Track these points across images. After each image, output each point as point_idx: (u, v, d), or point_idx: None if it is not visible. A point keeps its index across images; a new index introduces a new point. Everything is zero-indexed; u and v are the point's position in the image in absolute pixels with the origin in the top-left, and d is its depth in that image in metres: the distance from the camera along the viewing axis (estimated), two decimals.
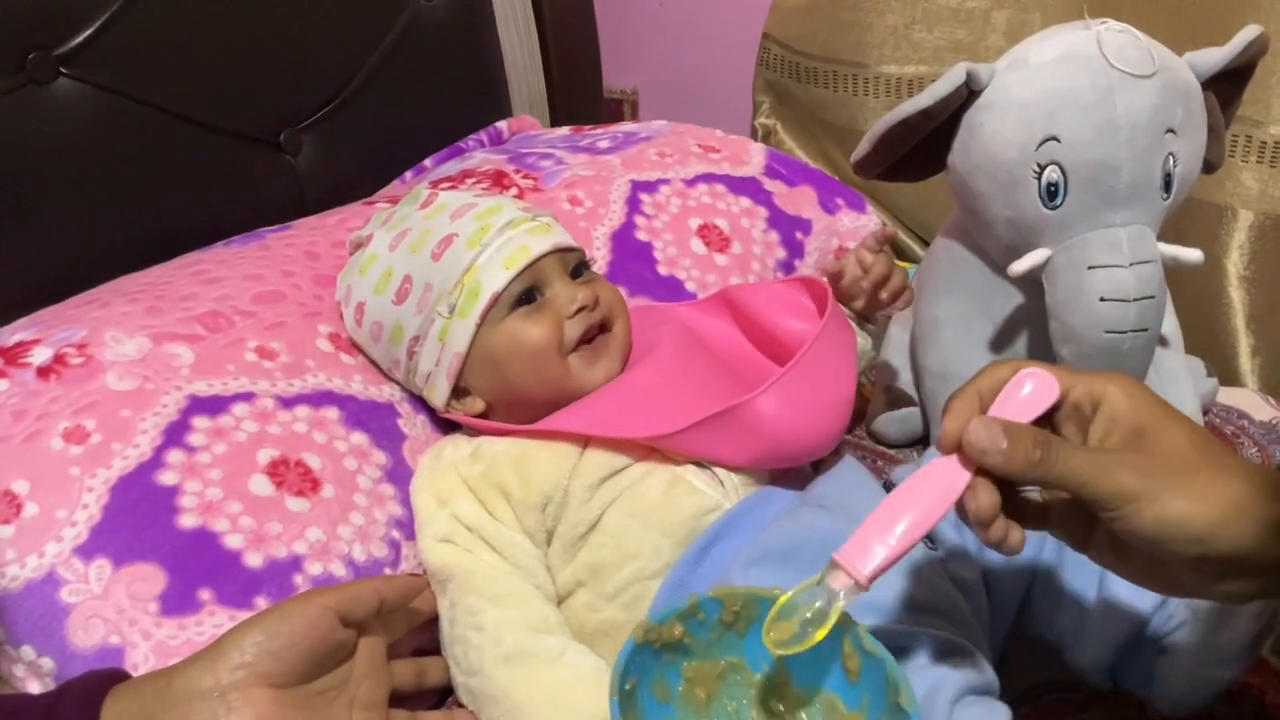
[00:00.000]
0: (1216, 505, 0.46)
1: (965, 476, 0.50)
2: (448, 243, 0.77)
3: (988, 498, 0.49)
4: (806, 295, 0.83)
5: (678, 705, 0.56)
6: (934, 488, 0.50)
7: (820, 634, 0.51)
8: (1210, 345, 1.14)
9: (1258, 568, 0.46)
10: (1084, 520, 0.52)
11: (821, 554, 0.51)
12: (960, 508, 0.50)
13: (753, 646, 0.57)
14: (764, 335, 0.84)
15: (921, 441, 0.96)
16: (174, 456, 0.69)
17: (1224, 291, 1.15)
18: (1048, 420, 0.52)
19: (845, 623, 0.54)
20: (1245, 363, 1.16)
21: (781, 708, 0.57)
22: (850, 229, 1.10)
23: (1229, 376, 1.13)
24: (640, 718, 0.52)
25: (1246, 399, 1.00)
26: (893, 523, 0.50)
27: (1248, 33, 0.80)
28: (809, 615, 0.51)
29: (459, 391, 0.79)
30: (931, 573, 0.64)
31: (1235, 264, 1.14)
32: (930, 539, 0.66)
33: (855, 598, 0.51)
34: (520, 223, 0.77)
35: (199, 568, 0.66)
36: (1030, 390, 0.51)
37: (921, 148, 0.83)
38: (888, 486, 0.72)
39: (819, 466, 0.77)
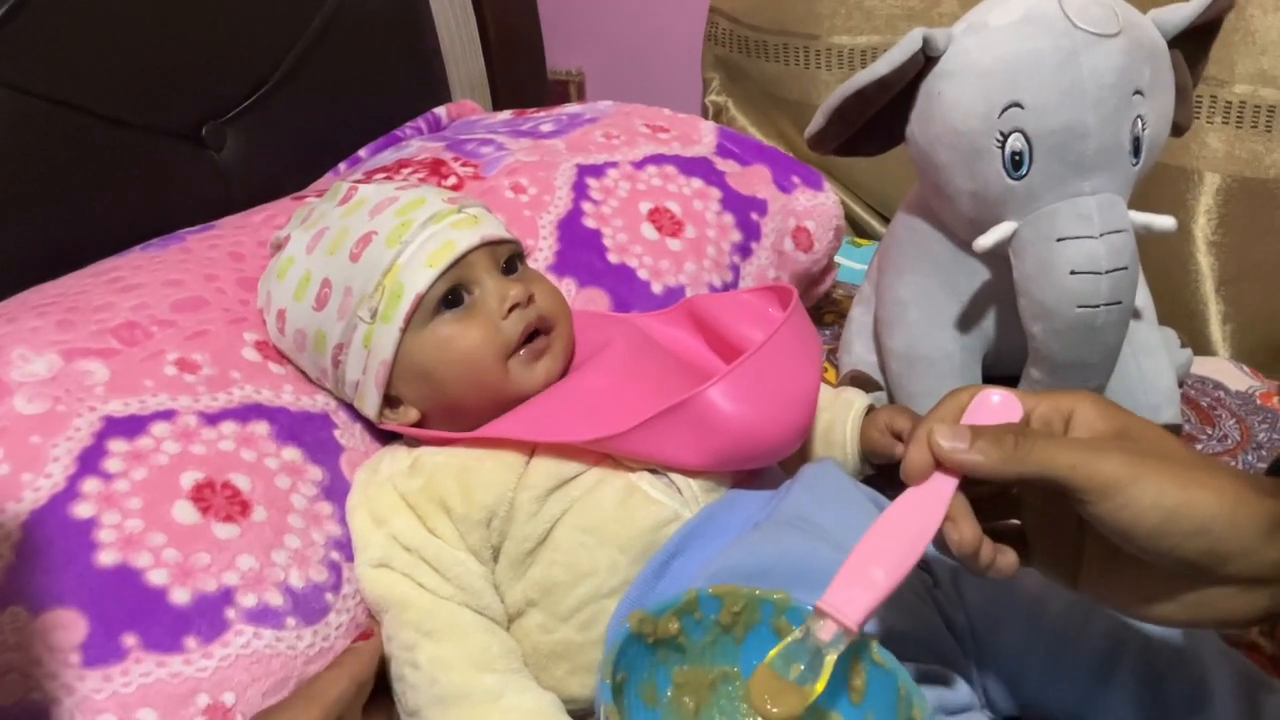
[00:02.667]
0: (1216, 492, 0.43)
1: (944, 499, 0.48)
2: (366, 241, 0.72)
3: (969, 527, 0.47)
4: (776, 305, 0.79)
5: (665, 712, 0.53)
6: (914, 516, 0.48)
7: (819, 687, 0.49)
8: (1179, 314, 1.12)
9: (1263, 569, 0.43)
10: (1071, 543, 0.50)
11: (793, 577, 0.49)
12: (942, 543, 0.48)
13: (749, 655, 0.54)
14: (728, 347, 0.79)
15: None
16: (89, 485, 0.64)
17: (1192, 258, 1.14)
18: None
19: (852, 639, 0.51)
20: (1215, 330, 1.14)
21: None
22: (807, 208, 1.06)
23: (1199, 345, 1.11)
24: (627, 718, 0.49)
25: (1222, 369, 0.97)
26: (876, 561, 0.48)
27: None
28: (801, 669, 0.49)
29: (391, 401, 0.74)
30: (907, 596, 0.61)
31: (1203, 229, 1.13)
32: (923, 565, 0.62)
33: (846, 644, 0.48)
34: (444, 216, 0.73)
35: (120, 610, 0.61)
36: (997, 404, 0.49)
37: (879, 120, 0.80)
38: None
39: (790, 466, 0.73)
